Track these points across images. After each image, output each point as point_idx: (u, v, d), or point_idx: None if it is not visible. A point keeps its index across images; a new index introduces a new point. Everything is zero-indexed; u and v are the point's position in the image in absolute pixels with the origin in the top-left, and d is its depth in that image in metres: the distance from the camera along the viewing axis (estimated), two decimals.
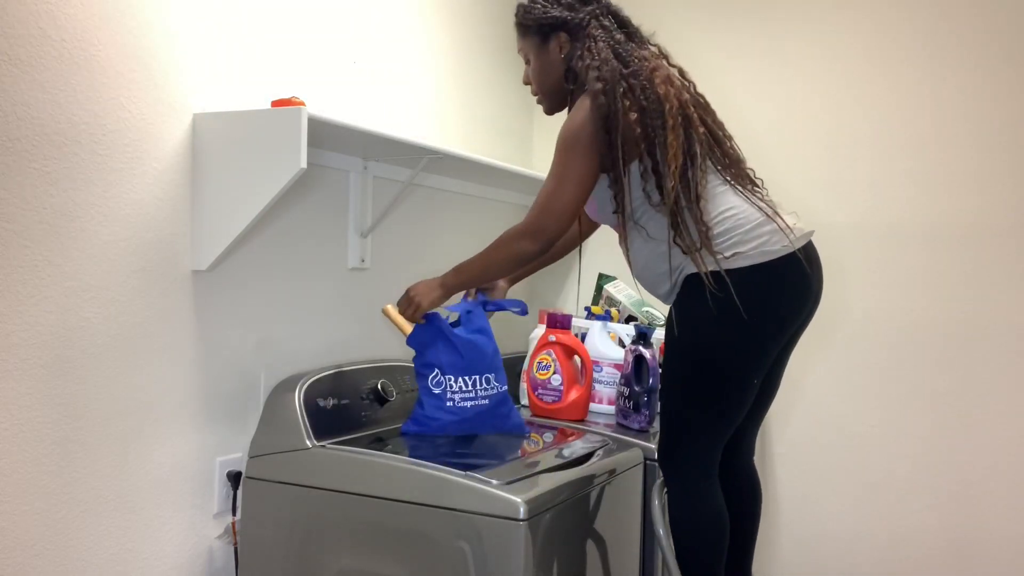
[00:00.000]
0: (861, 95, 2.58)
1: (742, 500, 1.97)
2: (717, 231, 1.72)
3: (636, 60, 1.75)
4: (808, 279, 1.76)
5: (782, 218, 1.76)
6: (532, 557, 1.58)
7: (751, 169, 1.85)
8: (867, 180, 2.57)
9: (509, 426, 2.00)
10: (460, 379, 1.92)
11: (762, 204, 1.77)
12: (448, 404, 1.91)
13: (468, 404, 1.92)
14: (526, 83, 1.93)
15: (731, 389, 1.76)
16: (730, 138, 1.84)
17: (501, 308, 2.04)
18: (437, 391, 1.92)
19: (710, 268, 1.69)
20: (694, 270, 1.72)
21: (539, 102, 1.94)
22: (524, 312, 2.05)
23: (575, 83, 1.81)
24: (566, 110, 1.88)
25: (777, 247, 1.72)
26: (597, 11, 1.81)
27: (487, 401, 1.93)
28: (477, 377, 1.93)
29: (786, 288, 1.74)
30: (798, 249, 1.73)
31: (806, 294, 1.77)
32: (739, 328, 1.70)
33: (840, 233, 2.60)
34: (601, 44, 1.76)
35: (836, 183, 2.61)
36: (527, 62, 1.91)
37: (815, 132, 2.64)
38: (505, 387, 1.98)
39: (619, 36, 1.79)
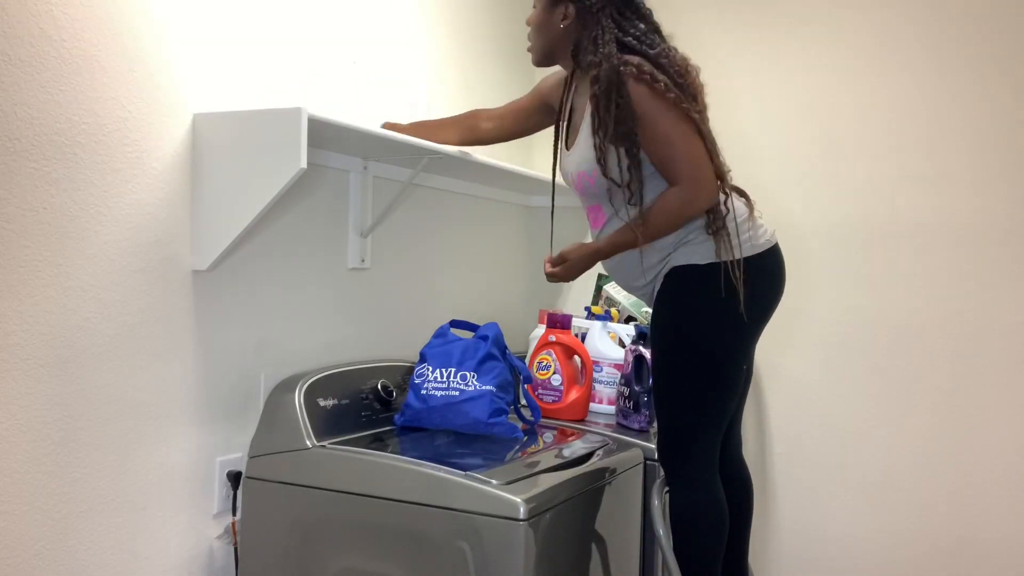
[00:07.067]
0: (857, 95, 2.58)
1: (735, 492, 1.99)
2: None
3: (663, 47, 1.78)
4: (784, 271, 1.89)
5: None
6: (532, 557, 1.58)
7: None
8: (863, 180, 2.57)
9: (489, 428, 1.95)
10: (438, 370, 1.98)
11: (746, 200, 1.88)
12: (422, 392, 1.97)
13: (438, 394, 1.96)
14: (528, 24, 1.93)
15: (726, 376, 1.82)
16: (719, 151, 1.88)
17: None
18: (418, 381, 2.00)
19: (708, 260, 1.78)
20: (680, 262, 1.80)
21: (529, 49, 1.95)
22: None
23: (576, 61, 1.85)
24: (552, 70, 2.00)
25: (762, 240, 1.83)
26: (615, 0, 1.80)
27: (457, 394, 1.95)
28: (453, 370, 1.98)
29: (771, 278, 1.85)
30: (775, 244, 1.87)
31: (783, 285, 1.89)
32: (731, 316, 1.78)
33: (838, 232, 2.60)
34: (608, 36, 1.76)
35: (831, 182, 2.61)
36: (535, 6, 1.91)
37: (810, 131, 2.63)
38: (489, 388, 1.96)
39: (641, 26, 1.79)
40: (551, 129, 2.11)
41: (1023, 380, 2.40)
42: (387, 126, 2.06)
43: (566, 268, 1.88)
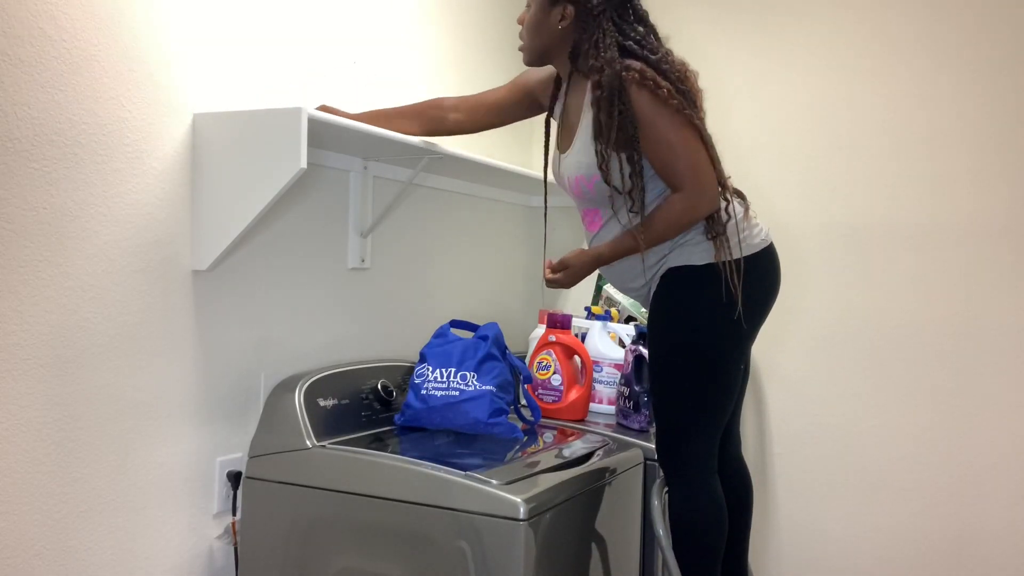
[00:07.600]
0: (856, 94, 2.58)
1: (734, 490, 1.99)
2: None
3: (663, 52, 1.77)
4: (779, 270, 1.89)
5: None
6: (532, 557, 1.58)
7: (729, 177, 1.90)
8: (862, 179, 2.57)
9: (489, 427, 1.95)
10: (438, 370, 1.98)
11: (742, 200, 1.88)
12: (422, 392, 1.97)
13: (438, 394, 1.95)
14: (520, 23, 1.88)
15: (724, 375, 1.82)
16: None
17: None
18: (418, 381, 1.99)
19: (705, 261, 1.78)
20: (677, 263, 1.80)
21: (520, 48, 1.90)
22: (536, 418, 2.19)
23: (574, 63, 1.82)
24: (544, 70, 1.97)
25: (757, 240, 1.84)
26: (615, 2, 1.77)
27: (457, 394, 1.95)
28: (453, 370, 1.98)
29: (766, 278, 1.85)
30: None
31: (778, 284, 1.89)
32: (728, 316, 1.78)
33: (837, 232, 2.60)
34: (609, 40, 1.74)
35: (831, 182, 2.61)
36: (528, 5, 1.86)
37: (809, 131, 2.63)
38: (489, 388, 1.96)
39: (641, 29, 1.77)
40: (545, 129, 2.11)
41: (1021, 379, 2.40)
42: (324, 108, 1.93)
43: (568, 275, 1.87)
